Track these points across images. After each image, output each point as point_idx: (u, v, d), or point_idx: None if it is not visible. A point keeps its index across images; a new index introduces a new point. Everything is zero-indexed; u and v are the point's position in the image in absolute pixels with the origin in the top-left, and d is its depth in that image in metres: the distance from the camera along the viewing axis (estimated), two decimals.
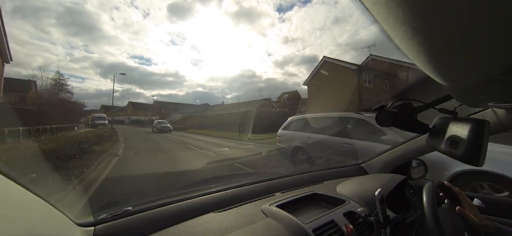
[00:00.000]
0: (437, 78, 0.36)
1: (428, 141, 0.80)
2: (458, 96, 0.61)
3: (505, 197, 2.07)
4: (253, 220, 0.81)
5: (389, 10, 0.23)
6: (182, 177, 4.39)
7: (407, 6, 0.21)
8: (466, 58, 0.28)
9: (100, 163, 5.49)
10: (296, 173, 1.47)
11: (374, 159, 1.64)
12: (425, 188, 0.83)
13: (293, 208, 0.92)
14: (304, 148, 4.66)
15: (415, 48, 0.28)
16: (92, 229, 0.71)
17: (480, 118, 0.63)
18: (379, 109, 0.76)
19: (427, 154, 1.37)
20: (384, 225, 0.78)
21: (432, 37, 0.25)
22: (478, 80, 0.37)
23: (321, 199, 1.07)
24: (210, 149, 8.68)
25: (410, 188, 1.19)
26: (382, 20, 0.26)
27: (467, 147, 0.61)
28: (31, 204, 0.50)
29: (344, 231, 0.80)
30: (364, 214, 0.90)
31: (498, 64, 0.29)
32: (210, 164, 5.55)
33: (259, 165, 5.40)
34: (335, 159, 3.94)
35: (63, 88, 23.90)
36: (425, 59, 0.30)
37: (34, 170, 3.37)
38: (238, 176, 1.92)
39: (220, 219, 0.83)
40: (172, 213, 0.84)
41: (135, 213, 0.81)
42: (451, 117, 0.71)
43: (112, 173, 4.55)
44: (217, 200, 0.96)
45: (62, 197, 2.58)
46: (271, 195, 1.09)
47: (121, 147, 8.88)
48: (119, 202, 0.97)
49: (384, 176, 1.21)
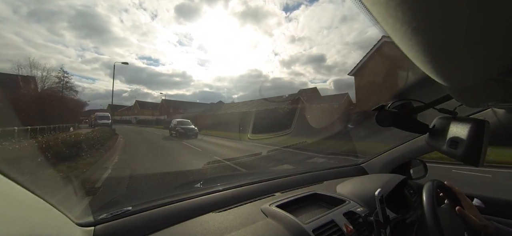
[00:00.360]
0: (437, 78, 0.36)
1: (428, 141, 0.80)
2: (458, 96, 0.61)
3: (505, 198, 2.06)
4: (253, 220, 0.81)
5: (388, 11, 0.23)
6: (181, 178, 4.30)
7: (407, 7, 0.21)
8: (466, 58, 0.28)
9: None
10: (296, 173, 1.47)
11: (374, 159, 1.64)
12: (425, 188, 0.83)
13: (293, 208, 0.92)
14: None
15: (415, 48, 0.28)
16: (92, 229, 0.71)
17: (480, 118, 0.63)
18: (379, 109, 0.76)
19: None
20: (384, 225, 0.78)
21: (432, 37, 0.25)
22: (478, 80, 0.37)
23: (321, 199, 1.07)
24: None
25: (410, 188, 1.19)
26: (382, 20, 0.26)
27: (467, 147, 0.61)
28: (31, 204, 0.50)
29: (344, 231, 0.80)
30: (364, 214, 0.90)
31: (498, 64, 0.29)
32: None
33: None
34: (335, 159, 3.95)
35: (66, 86, 22.62)
36: (425, 59, 0.30)
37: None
38: (238, 176, 1.92)
39: (220, 219, 0.83)
40: (172, 213, 0.84)
41: (135, 213, 0.81)
42: (451, 117, 0.71)
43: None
44: (217, 200, 0.96)
45: (62, 197, 2.56)
46: (271, 195, 1.09)
47: (109, 166, 5.15)
48: (119, 202, 0.97)
49: (384, 176, 1.21)
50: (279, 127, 11.41)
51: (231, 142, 11.09)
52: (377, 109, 0.76)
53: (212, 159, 6.29)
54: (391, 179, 1.11)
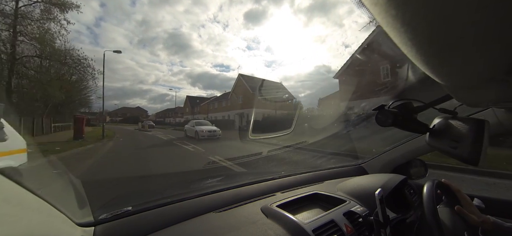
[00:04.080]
0: (437, 78, 0.36)
1: (428, 141, 0.80)
2: (458, 96, 0.61)
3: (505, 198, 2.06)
4: (253, 220, 0.81)
5: (388, 10, 0.23)
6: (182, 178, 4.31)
7: (407, 6, 0.21)
8: (466, 57, 0.28)
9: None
10: (296, 173, 1.47)
11: (374, 159, 1.64)
12: (425, 188, 0.83)
13: (293, 208, 0.92)
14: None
15: (415, 48, 0.28)
16: (92, 229, 0.71)
17: (480, 118, 0.63)
18: (378, 109, 0.76)
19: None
20: (384, 225, 0.78)
21: (432, 37, 0.25)
22: (478, 80, 0.37)
23: (321, 199, 1.07)
24: None
25: (410, 188, 1.19)
26: (381, 20, 0.26)
27: (467, 147, 0.61)
28: (31, 204, 0.50)
29: (344, 231, 0.80)
30: (364, 214, 0.90)
31: (499, 64, 0.29)
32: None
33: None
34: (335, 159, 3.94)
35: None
36: (425, 59, 0.30)
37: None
38: (238, 176, 1.92)
39: (220, 219, 0.83)
40: (172, 213, 0.84)
41: (135, 213, 0.81)
42: (451, 117, 0.71)
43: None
44: (217, 200, 0.96)
45: (62, 197, 2.54)
46: (271, 195, 1.09)
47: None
48: (119, 202, 0.97)
49: (384, 176, 1.21)
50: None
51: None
52: (377, 109, 0.76)
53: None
54: (391, 179, 1.11)
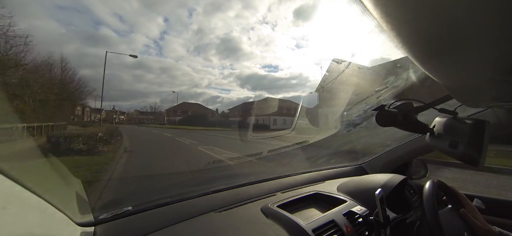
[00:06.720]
0: (437, 78, 0.36)
1: (428, 141, 0.80)
2: (458, 96, 0.61)
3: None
4: (253, 220, 0.81)
5: (388, 11, 0.23)
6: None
7: (407, 7, 0.21)
8: (466, 58, 0.28)
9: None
10: (296, 173, 1.47)
11: (375, 159, 1.64)
12: (425, 188, 0.83)
13: (293, 208, 0.92)
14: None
15: (415, 48, 0.28)
16: (92, 229, 0.71)
17: (480, 118, 0.63)
18: (379, 109, 0.76)
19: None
20: (384, 225, 0.78)
21: (432, 37, 0.25)
22: (478, 80, 0.37)
23: (321, 199, 1.07)
24: None
25: (410, 188, 1.19)
26: (382, 21, 0.26)
27: (467, 147, 0.61)
28: (31, 204, 0.50)
29: (344, 231, 0.80)
30: (364, 214, 0.90)
31: (499, 64, 0.29)
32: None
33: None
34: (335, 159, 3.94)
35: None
36: (425, 59, 0.30)
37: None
38: (238, 176, 1.92)
39: (220, 219, 0.83)
40: (172, 213, 0.84)
41: (135, 213, 0.81)
42: (451, 117, 0.71)
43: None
44: (217, 200, 0.96)
45: (63, 197, 2.54)
46: (271, 195, 1.09)
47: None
48: (119, 202, 0.97)
49: (384, 176, 1.21)
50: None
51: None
52: (377, 109, 0.76)
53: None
54: (392, 179, 1.11)
